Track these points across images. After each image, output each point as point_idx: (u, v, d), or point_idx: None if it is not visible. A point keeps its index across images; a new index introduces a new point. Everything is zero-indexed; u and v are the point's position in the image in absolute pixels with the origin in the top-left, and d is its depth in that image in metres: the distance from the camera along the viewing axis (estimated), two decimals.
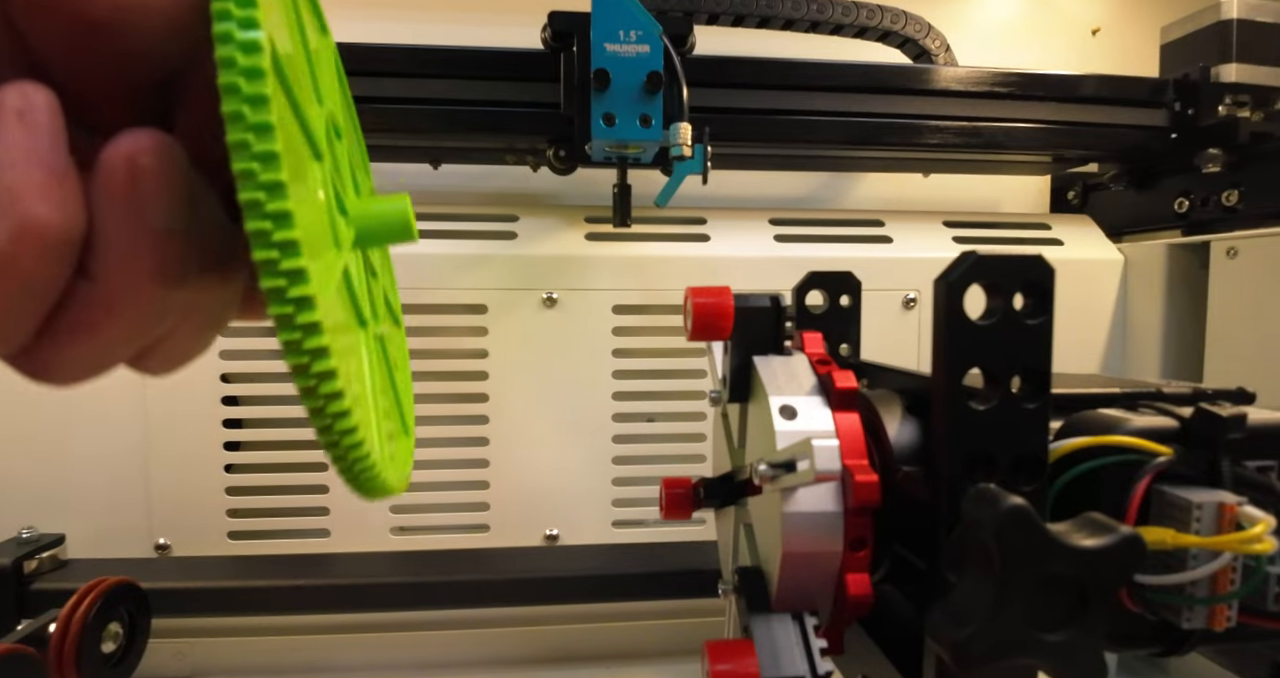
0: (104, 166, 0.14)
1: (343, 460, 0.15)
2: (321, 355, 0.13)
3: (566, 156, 0.55)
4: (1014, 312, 0.21)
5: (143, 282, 0.15)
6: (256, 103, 0.12)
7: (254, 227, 0.12)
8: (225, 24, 0.12)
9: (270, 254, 0.12)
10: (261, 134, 0.12)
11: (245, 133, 0.12)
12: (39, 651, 0.36)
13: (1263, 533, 0.19)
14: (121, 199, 0.14)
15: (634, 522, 0.56)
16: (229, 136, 0.12)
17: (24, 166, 0.13)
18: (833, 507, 0.23)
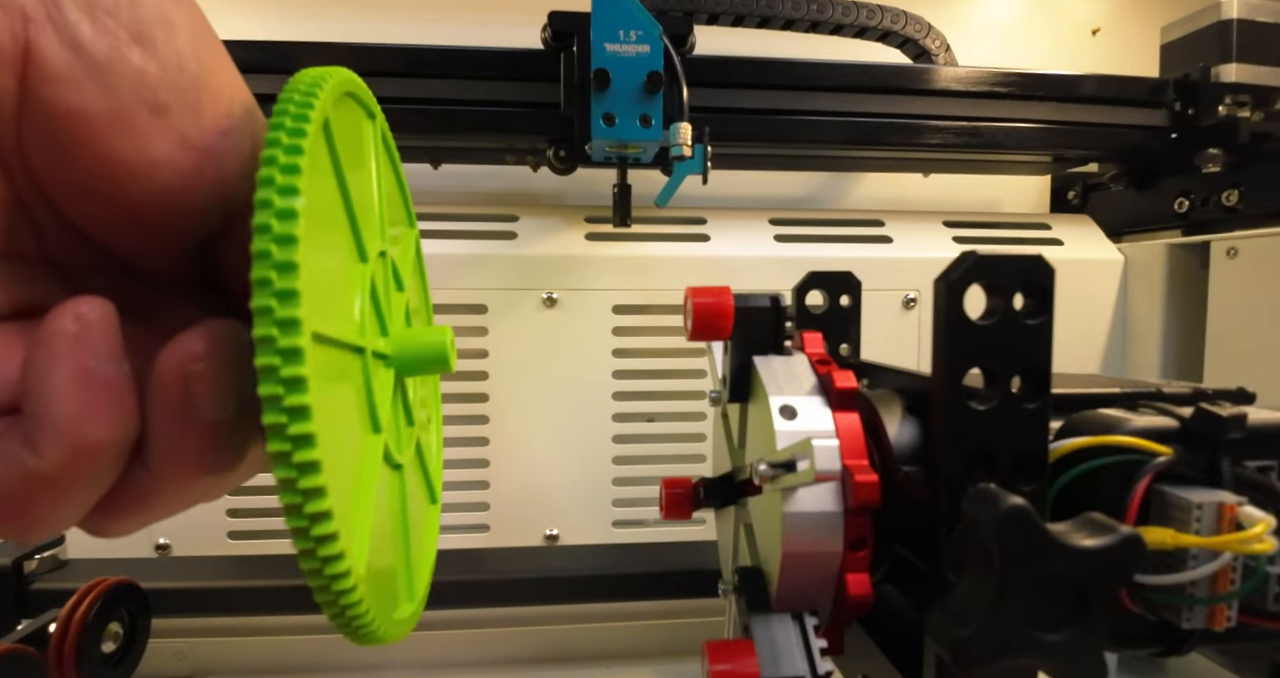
0: (158, 377, 0.15)
1: (344, 624, 0.15)
2: (334, 560, 0.14)
3: (566, 156, 0.55)
4: (1014, 312, 0.21)
5: (192, 472, 0.15)
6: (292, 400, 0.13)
7: (280, 469, 0.13)
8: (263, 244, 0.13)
9: (290, 475, 0.13)
10: (296, 417, 0.13)
11: (279, 416, 0.13)
12: (39, 650, 0.36)
13: (1263, 533, 0.19)
14: (174, 408, 0.15)
15: (634, 522, 0.56)
16: (266, 424, 0.13)
17: (78, 392, 0.14)
18: (833, 507, 0.23)
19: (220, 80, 0.16)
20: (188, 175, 0.15)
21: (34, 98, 0.14)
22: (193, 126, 0.15)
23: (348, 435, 0.15)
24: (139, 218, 0.15)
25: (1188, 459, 0.21)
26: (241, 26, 0.66)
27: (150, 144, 0.14)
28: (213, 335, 0.15)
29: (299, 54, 0.51)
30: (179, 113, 0.15)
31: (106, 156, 0.14)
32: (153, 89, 0.14)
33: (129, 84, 0.14)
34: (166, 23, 0.15)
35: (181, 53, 0.15)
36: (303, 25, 0.69)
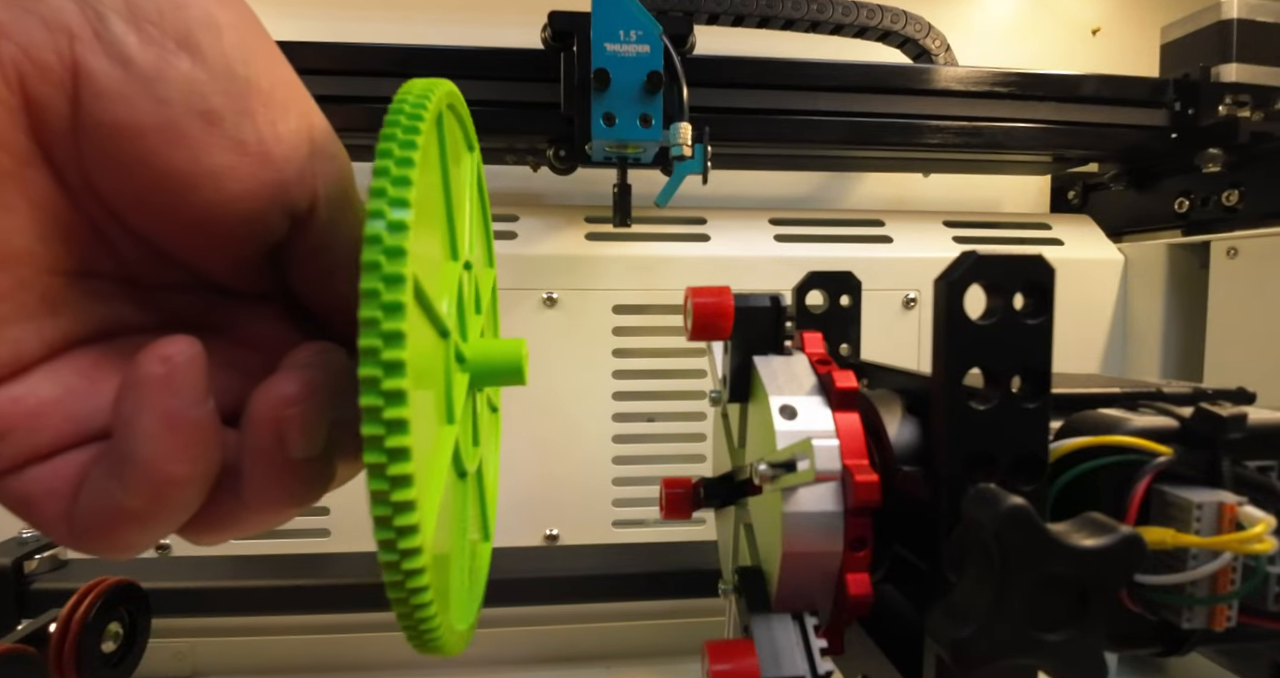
0: (250, 422, 0.15)
1: (417, 635, 0.15)
2: (417, 575, 0.14)
3: (566, 156, 0.55)
4: (1014, 312, 0.21)
5: (284, 505, 0.16)
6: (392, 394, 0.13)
7: (378, 509, 0.13)
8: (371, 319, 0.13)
9: (385, 514, 0.13)
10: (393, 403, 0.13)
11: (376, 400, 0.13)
12: (39, 650, 0.36)
13: (1263, 533, 0.19)
14: (265, 451, 0.15)
15: (634, 522, 0.57)
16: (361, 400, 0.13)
17: (165, 435, 0.14)
18: (833, 507, 0.23)
19: (271, 79, 0.15)
20: (246, 182, 0.15)
21: (87, 116, 0.14)
22: (247, 132, 0.15)
23: (427, 415, 0.15)
24: (204, 228, 0.15)
25: (1188, 459, 0.21)
26: None
27: (205, 154, 0.14)
28: (305, 377, 0.15)
29: (299, 54, 0.51)
30: (232, 119, 0.14)
31: (164, 170, 0.14)
32: (203, 97, 0.14)
33: (179, 94, 0.14)
34: (212, 26, 0.14)
35: (229, 56, 0.15)
36: (303, 25, 0.69)
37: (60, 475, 0.15)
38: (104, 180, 0.14)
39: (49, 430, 0.14)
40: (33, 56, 0.13)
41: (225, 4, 0.15)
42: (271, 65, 0.16)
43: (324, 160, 0.16)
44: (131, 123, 0.14)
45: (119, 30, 0.13)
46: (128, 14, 0.14)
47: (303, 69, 0.17)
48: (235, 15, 0.15)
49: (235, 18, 0.15)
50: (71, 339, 0.15)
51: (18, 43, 0.13)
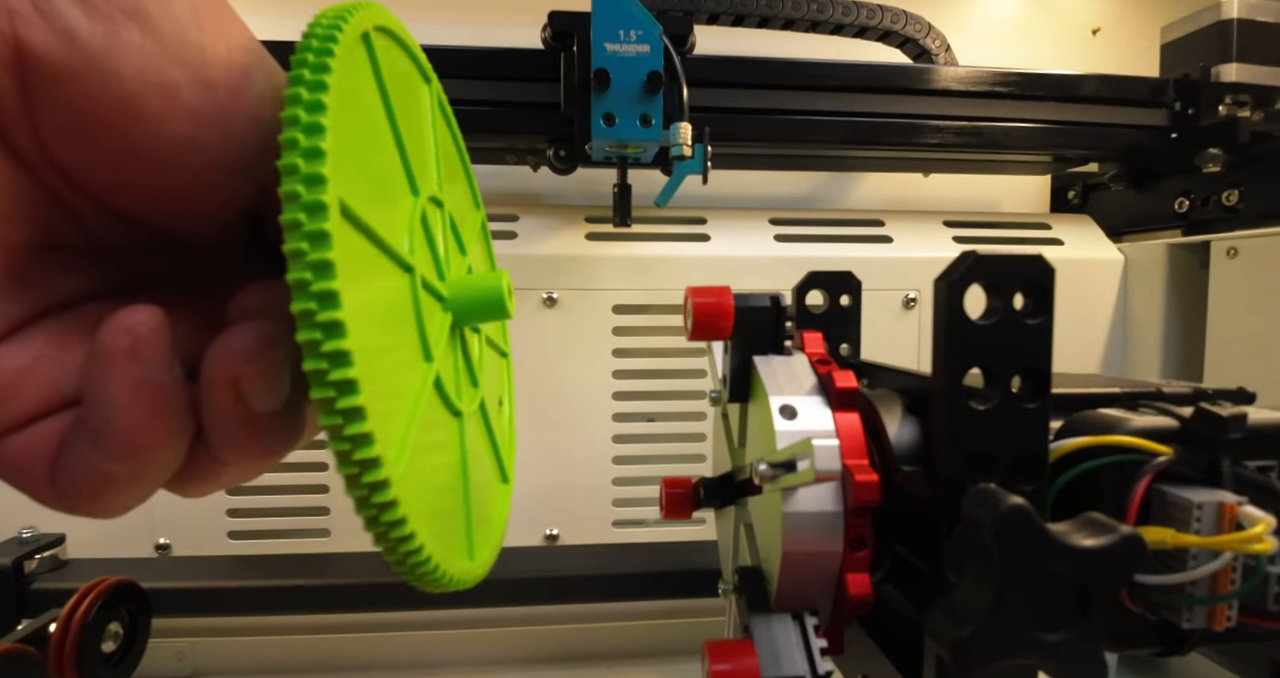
0: (206, 383, 0.15)
1: (401, 563, 0.15)
2: (389, 509, 0.13)
3: (566, 156, 0.55)
4: (1014, 311, 0.21)
5: (255, 456, 0.16)
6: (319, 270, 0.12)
7: (326, 421, 0.13)
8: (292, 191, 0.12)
9: (336, 422, 0.13)
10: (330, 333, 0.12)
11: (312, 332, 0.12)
12: (39, 650, 0.36)
13: (1263, 533, 0.19)
14: (227, 409, 0.15)
15: (634, 522, 0.57)
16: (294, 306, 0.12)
17: (135, 402, 0.14)
18: (833, 507, 0.23)
19: (229, 43, 0.15)
20: (211, 153, 0.15)
21: (37, 94, 0.13)
22: (206, 100, 0.14)
23: (389, 350, 0.15)
24: (171, 197, 0.15)
25: (1188, 459, 0.21)
26: None
27: (166, 127, 0.14)
28: (257, 329, 0.15)
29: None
30: (189, 89, 0.14)
31: (124, 144, 0.14)
32: (158, 69, 0.14)
33: (132, 67, 0.13)
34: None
35: (181, 22, 0.14)
36: (301, 25, 0.69)
37: (40, 442, 0.15)
38: (63, 155, 0.14)
39: (24, 399, 0.14)
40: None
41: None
42: (226, 28, 0.15)
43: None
44: (85, 99, 0.13)
45: (62, 4, 0.13)
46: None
47: None
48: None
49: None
50: (40, 310, 0.15)
51: None
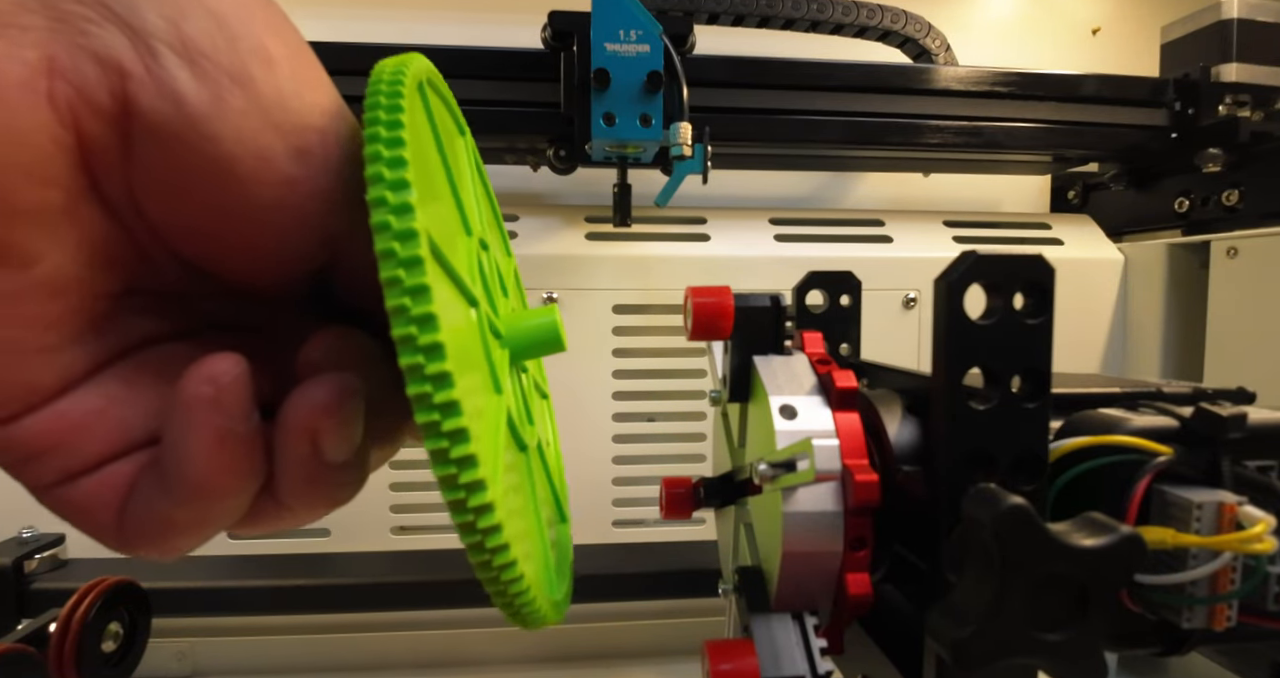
0: (284, 433, 0.15)
1: (509, 605, 0.15)
2: (493, 532, 0.14)
3: (566, 156, 0.55)
4: (1014, 311, 0.21)
5: (320, 505, 0.16)
6: (424, 325, 0.12)
7: (432, 447, 0.13)
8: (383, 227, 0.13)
9: (450, 472, 0.13)
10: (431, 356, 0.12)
11: (420, 380, 0.12)
12: (39, 650, 0.36)
13: (1263, 533, 0.19)
14: (301, 459, 0.15)
15: (634, 522, 0.57)
16: (401, 362, 0.13)
17: (212, 454, 0.14)
18: (833, 507, 0.23)
19: (319, 105, 0.15)
20: (294, 212, 0.15)
21: (138, 152, 0.13)
22: (297, 166, 0.14)
23: (477, 391, 0.15)
24: (250, 252, 0.15)
25: (1188, 459, 0.21)
26: None
27: (256, 190, 0.14)
28: (338, 382, 0.15)
29: None
30: (283, 154, 0.14)
31: (213, 203, 0.14)
32: (254, 133, 0.14)
33: (231, 131, 0.14)
34: (266, 59, 0.14)
35: (282, 88, 0.14)
36: (302, 25, 0.69)
37: (109, 486, 0.15)
38: (152, 210, 0.14)
39: (96, 442, 0.15)
40: (86, 96, 0.13)
41: (277, 33, 0.15)
42: (318, 92, 0.15)
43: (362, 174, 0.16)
44: (181, 159, 0.13)
45: (171, 66, 0.13)
46: (181, 48, 0.13)
47: None
48: (287, 46, 0.15)
49: (287, 49, 0.15)
50: (115, 353, 0.15)
51: (71, 82, 0.13)
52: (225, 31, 0.14)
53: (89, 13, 0.13)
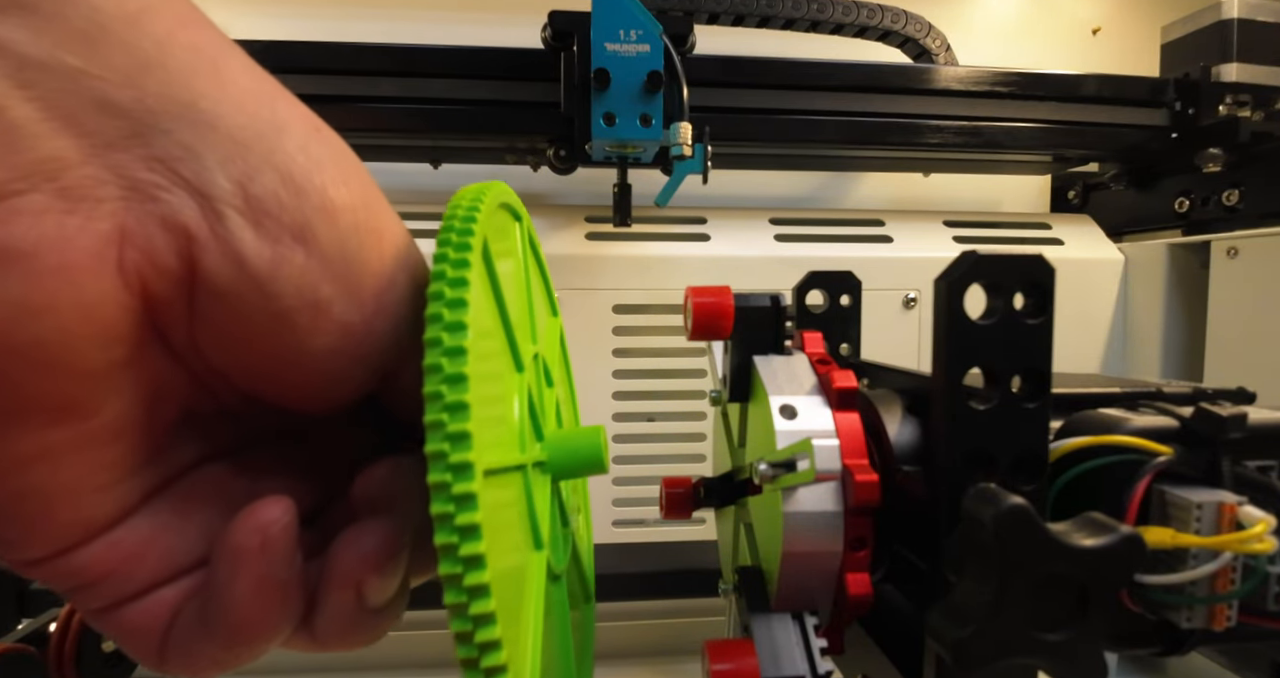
0: (333, 579, 0.15)
1: None
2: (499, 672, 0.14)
3: (567, 156, 0.55)
4: (1014, 311, 0.21)
5: (357, 644, 0.16)
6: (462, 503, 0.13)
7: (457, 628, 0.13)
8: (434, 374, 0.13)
9: (471, 655, 0.13)
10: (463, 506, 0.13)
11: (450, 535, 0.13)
12: (39, 650, 0.36)
13: (1263, 533, 0.19)
14: (345, 606, 0.15)
15: (634, 522, 0.56)
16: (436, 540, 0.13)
17: (257, 599, 0.14)
18: (833, 507, 0.23)
19: (379, 250, 0.15)
20: (350, 357, 0.15)
21: (200, 309, 0.14)
22: (353, 313, 0.15)
23: (514, 563, 0.16)
24: (307, 388, 0.16)
25: (1188, 459, 0.21)
26: (241, 26, 0.66)
27: (312, 339, 0.14)
28: (386, 532, 0.15)
29: (299, 53, 0.51)
30: (340, 303, 0.14)
31: (270, 351, 0.14)
32: (314, 287, 0.14)
33: (291, 287, 0.14)
34: (329, 211, 0.14)
35: (343, 240, 0.14)
36: (302, 25, 0.69)
37: (154, 614, 0.15)
38: (212, 354, 0.15)
39: (145, 570, 0.15)
40: (153, 260, 0.13)
41: (344, 183, 0.15)
42: (380, 237, 0.15)
43: (422, 314, 0.17)
44: (242, 315, 0.14)
45: (236, 228, 0.13)
46: (246, 209, 0.13)
47: (303, 69, 0.17)
48: (352, 195, 0.15)
49: (353, 197, 0.15)
50: (170, 478, 0.16)
51: (140, 249, 0.13)
52: (290, 188, 0.14)
53: (160, 179, 0.13)
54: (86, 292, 0.12)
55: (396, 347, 0.16)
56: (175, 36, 0.13)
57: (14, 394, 0.12)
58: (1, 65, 0.12)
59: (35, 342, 0.12)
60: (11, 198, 0.12)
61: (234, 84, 0.14)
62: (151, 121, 0.13)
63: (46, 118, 0.12)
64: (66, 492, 0.14)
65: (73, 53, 0.12)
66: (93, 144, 0.12)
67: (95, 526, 0.14)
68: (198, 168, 0.13)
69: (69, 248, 0.12)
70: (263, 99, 0.14)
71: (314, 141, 0.15)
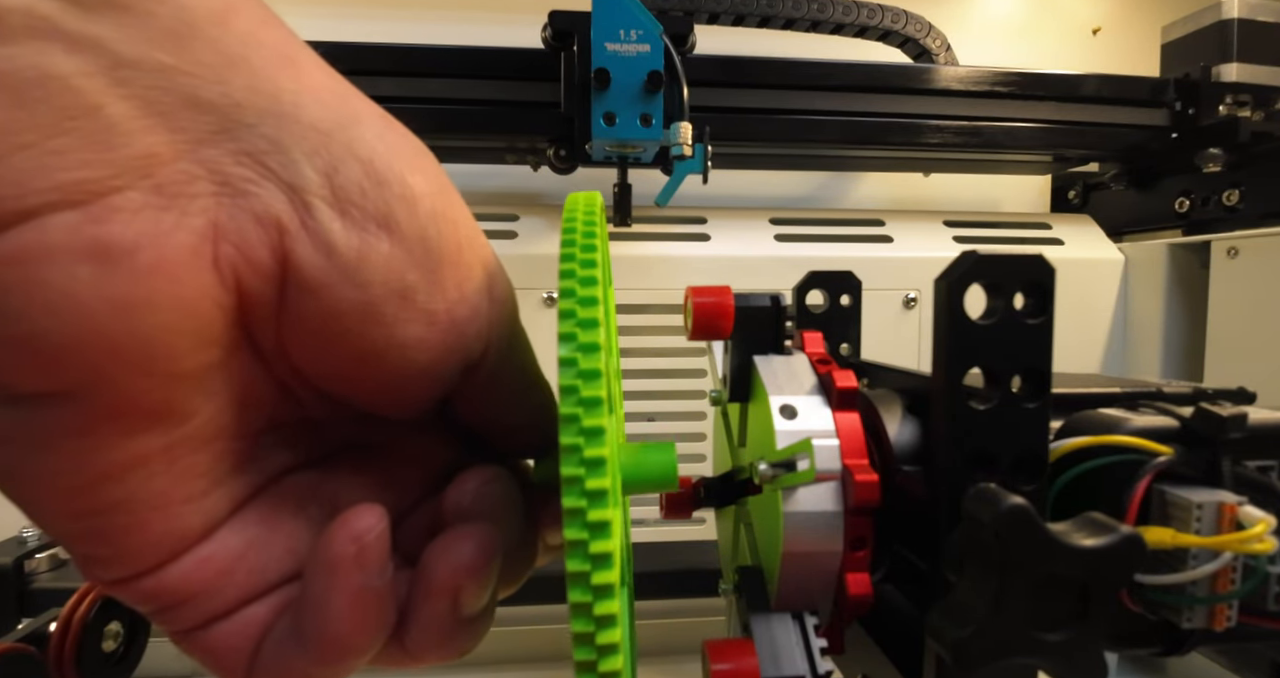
0: (428, 589, 0.15)
1: None
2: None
3: (567, 156, 0.55)
4: (1014, 311, 0.21)
5: (450, 655, 0.16)
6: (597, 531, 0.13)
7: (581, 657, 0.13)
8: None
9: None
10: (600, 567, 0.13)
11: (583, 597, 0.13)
12: (39, 650, 0.36)
13: (1263, 533, 0.19)
14: (440, 615, 0.15)
15: (634, 521, 0.56)
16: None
17: (352, 611, 0.14)
18: (833, 507, 0.23)
19: (457, 238, 0.15)
20: (434, 349, 0.15)
21: (290, 303, 0.14)
22: (437, 300, 0.15)
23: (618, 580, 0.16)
24: (387, 386, 0.16)
25: (1188, 459, 0.21)
26: None
27: (399, 329, 0.14)
28: (481, 539, 0.15)
29: None
30: (424, 292, 0.15)
31: (357, 346, 0.14)
32: (400, 274, 0.14)
33: (379, 275, 0.14)
34: (409, 199, 0.14)
35: (424, 225, 0.15)
36: (302, 25, 0.69)
37: (243, 633, 0.15)
38: (298, 354, 0.15)
39: (235, 587, 0.15)
40: (248, 255, 0.13)
41: (421, 170, 0.15)
42: (456, 225, 0.16)
43: (498, 307, 0.17)
44: (329, 306, 0.14)
45: (325, 218, 0.13)
46: (333, 199, 0.14)
47: None
48: (429, 181, 0.15)
49: (429, 184, 0.15)
50: (255, 489, 0.16)
51: (234, 244, 0.13)
52: (372, 177, 0.14)
53: (250, 173, 0.13)
54: (185, 288, 0.12)
55: (476, 336, 0.16)
56: (257, 35, 0.14)
57: (112, 396, 0.12)
58: (98, 63, 0.12)
59: (134, 340, 0.12)
60: (109, 195, 0.12)
61: (311, 79, 0.14)
62: (238, 116, 0.13)
63: (141, 115, 0.12)
64: (158, 503, 0.13)
65: (164, 50, 0.12)
66: (184, 140, 0.12)
67: (185, 539, 0.14)
68: (285, 160, 0.13)
69: (166, 244, 0.12)
70: (337, 92, 0.14)
71: (389, 131, 0.15)
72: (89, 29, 0.12)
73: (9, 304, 0.11)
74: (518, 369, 0.18)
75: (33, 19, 0.11)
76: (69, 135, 0.11)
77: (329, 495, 0.17)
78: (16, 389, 0.12)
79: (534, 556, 0.17)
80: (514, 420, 0.18)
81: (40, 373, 0.12)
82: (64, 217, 0.11)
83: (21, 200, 0.11)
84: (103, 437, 0.12)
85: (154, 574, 0.14)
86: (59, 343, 0.11)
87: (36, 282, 0.11)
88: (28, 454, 0.12)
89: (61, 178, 0.11)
